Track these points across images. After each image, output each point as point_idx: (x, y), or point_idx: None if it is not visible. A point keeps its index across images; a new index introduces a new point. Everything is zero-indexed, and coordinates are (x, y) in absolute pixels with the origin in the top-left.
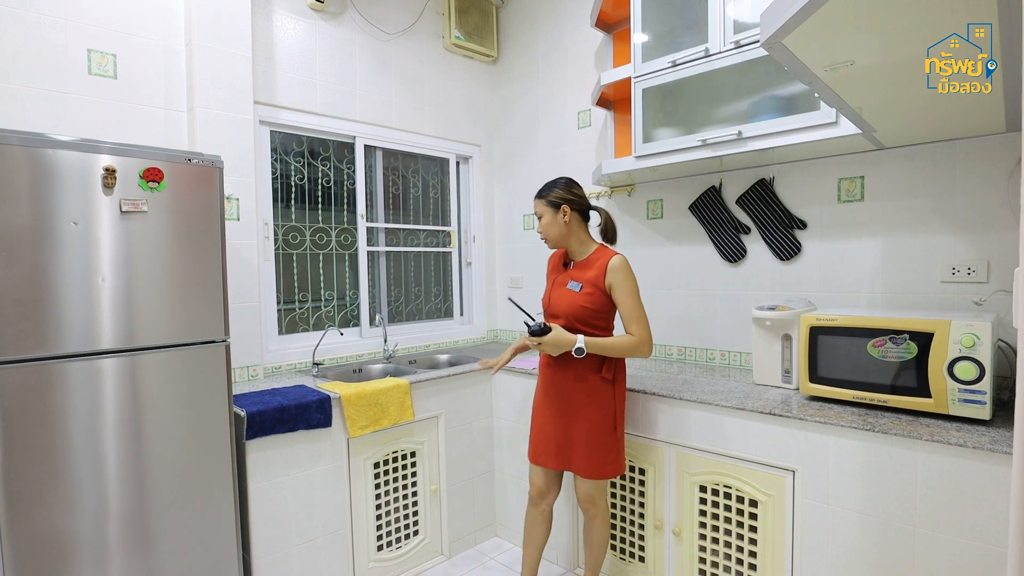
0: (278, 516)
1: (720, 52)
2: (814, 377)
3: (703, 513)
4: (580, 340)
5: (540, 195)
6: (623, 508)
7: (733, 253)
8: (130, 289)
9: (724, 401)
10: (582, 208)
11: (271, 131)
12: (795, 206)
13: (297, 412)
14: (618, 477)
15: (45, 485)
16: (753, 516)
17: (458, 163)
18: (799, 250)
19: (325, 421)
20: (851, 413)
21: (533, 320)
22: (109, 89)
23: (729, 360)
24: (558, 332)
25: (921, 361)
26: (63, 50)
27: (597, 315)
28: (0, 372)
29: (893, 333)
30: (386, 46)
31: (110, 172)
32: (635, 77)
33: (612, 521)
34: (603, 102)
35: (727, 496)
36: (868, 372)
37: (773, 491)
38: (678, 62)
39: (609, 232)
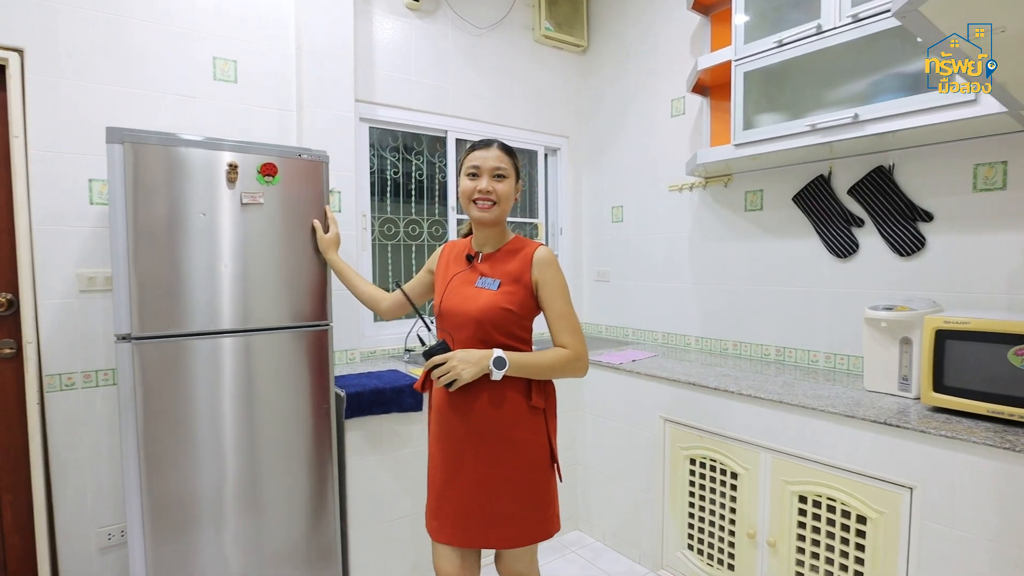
0: (371, 492)
1: (835, 28)
2: (939, 386)
3: (802, 525)
4: (498, 352)
5: (508, 151)
6: (711, 512)
7: (843, 247)
8: (247, 275)
9: (830, 407)
10: None
11: (369, 127)
12: (919, 196)
13: (391, 395)
14: (704, 469)
15: (175, 449)
16: (861, 534)
17: (546, 155)
18: (922, 245)
19: (416, 405)
20: (985, 429)
21: (429, 329)
22: (230, 92)
23: (835, 363)
24: (465, 350)
25: None
26: (192, 59)
27: (520, 321)
28: (142, 346)
29: None
30: (477, 40)
31: (233, 168)
32: (736, 60)
33: (701, 526)
34: (699, 88)
35: (831, 509)
36: (1008, 384)
37: (886, 508)
38: (785, 41)
39: None
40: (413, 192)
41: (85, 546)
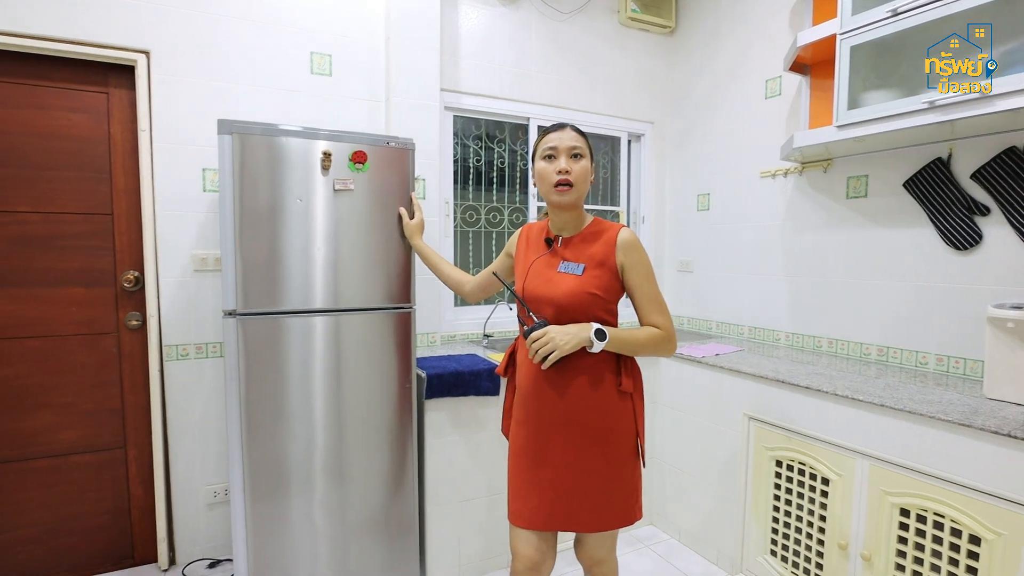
0: (447, 471)
1: None
2: None
3: (903, 540)
4: (597, 324)
5: (582, 133)
6: (797, 518)
7: (962, 238)
8: (337, 258)
9: (942, 414)
10: None
11: (453, 116)
12: None
13: (470, 378)
14: (792, 472)
15: (272, 418)
16: (974, 555)
17: (629, 141)
18: None
19: (493, 390)
20: None
21: (524, 305)
22: (326, 85)
23: (948, 367)
24: (561, 325)
25: None
26: (293, 55)
27: (606, 305)
28: (245, 322)
29: None
30: (561, 25)
31: (327, 156)
32: (841, 33)
33: (785, 531)
34: (797, 67)
35: (938, 526)
36: None
37: (1005, 530)
38: (900, 10)
39: None
40: (495, 180)
41: (195, 501)
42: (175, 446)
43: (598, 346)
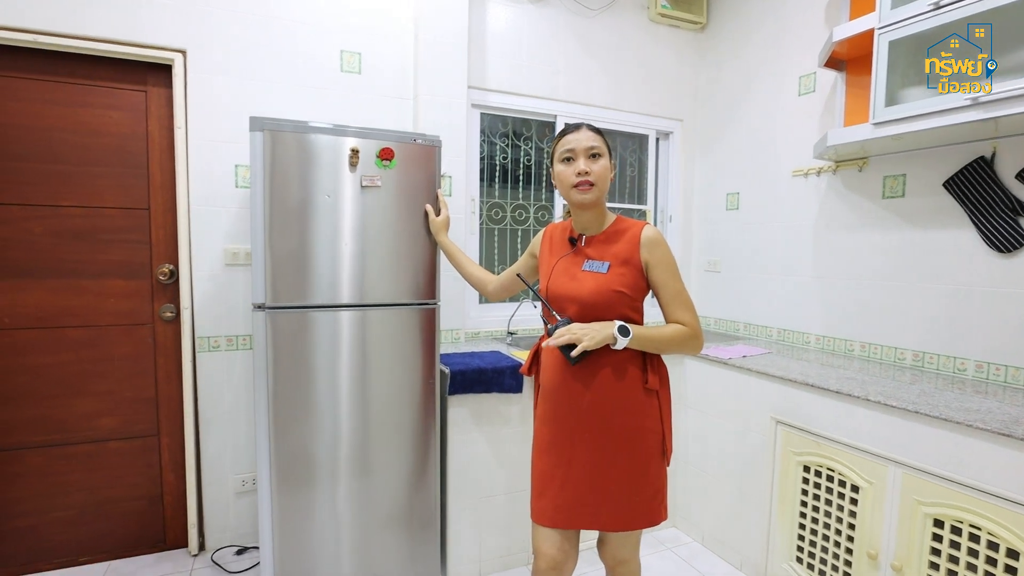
0: (469, 467)
1: None
2: None
3: (936, 552)
4: (621, 322)
5: (598, 131)
6: (825, 525)
7: (1006, 240)
8: (364, 254)
9: (980, 423)
10: None
11: (480, 113)
12: None
13: (493, 375)
14: (820, 478)
15: (299, 410)
16: (1011, 570)
17: (657, 139)
18: None
19: (516, 387)
20: None
21: (547, 305)
22: (355, 83)
23: (988, 373)
24: (585, 324)
25: None
26: (323, 53)
27: (632, 303)
28: (274, 315)
29: None
30: (589, 22)
31: (355, 152)
32: (879, 28)
33: (812, 538)
34: (833, 63)
35: (974, 539)
36: None
37: None
38: (943, 3)
39: None
40: (521, 178)
41: (224, 489)
42: (205, 435)
43: (622, 342)
